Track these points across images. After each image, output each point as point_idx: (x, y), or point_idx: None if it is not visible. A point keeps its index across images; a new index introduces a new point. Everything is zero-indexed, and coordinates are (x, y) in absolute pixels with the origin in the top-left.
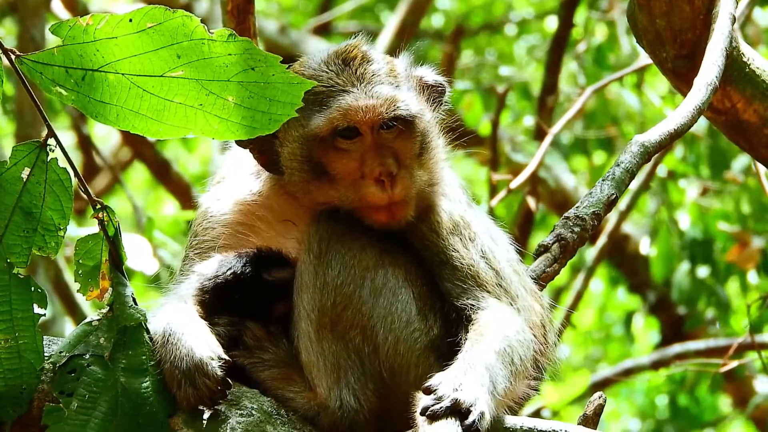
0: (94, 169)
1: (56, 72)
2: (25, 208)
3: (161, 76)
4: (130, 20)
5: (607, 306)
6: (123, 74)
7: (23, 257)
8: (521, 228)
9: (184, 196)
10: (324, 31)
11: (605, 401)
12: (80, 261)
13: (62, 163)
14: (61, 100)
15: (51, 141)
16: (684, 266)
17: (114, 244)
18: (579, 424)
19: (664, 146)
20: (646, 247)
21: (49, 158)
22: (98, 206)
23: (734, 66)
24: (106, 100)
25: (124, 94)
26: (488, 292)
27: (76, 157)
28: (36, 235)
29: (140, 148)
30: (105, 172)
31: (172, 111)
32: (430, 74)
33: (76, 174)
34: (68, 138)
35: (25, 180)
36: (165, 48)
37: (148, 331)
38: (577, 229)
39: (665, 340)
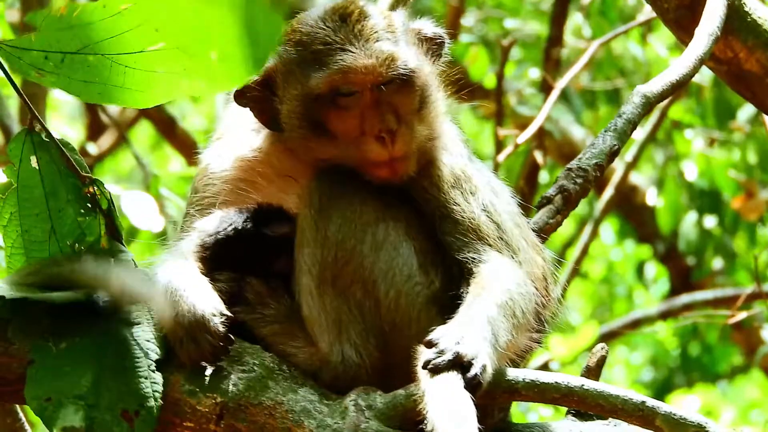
0: (100, 128)
1: (34, 57)
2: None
3: (142, 51)
4: (104, 6)
5: (615, 263)
6: (103, 55)
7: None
8: (528, 181)
9: (190, 152)
10: None
11: (607, 353)
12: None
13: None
14: (41, 83)
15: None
16: (691, 217)
17: (109, 216)
18: (582, 375)
19: (666, 96)
20: (653, 197)
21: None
22: (87, 181)
23: (736, 16)
24: (88, 80)
25: (107, 72)
26: (489, 245)
27: (82, 117)
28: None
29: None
30: (111, 130)
31: (157, 80)
32: (428, 27)
33: (62, 154)
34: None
35: (38, 168)
36: (142, 25)
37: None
38: (579, 180)
39: (674, 291)
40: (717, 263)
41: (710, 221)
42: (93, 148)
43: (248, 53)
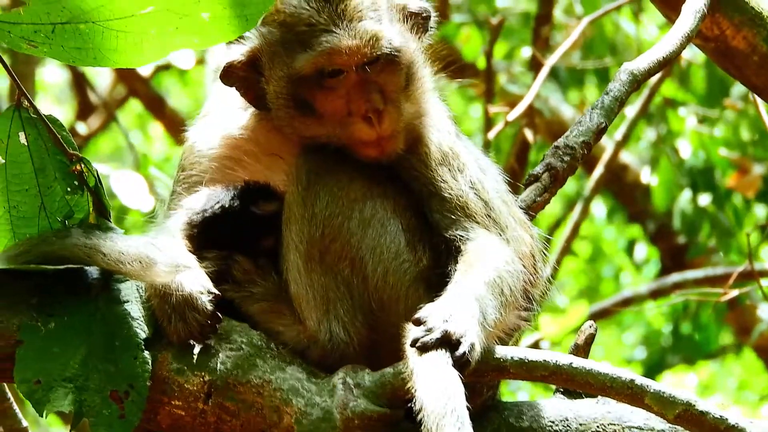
0: (89, 107)
1: (24, 29)
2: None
3: (132, 16)
4: None
5: (605, 243)
6: (93, 22)
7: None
8: (518, 160)
9: (179, 131)
10: None
11: (596, 330)
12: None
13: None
14: (34, 54)
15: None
16: (686, 194)
17: (96, 194)
18: (570, 353)
19: (653, 74)
20: (646, 176)
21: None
22: (74, 158)
23: None
24: (81, 46)
25: (99, 37)
26: (477, 222)
27: (70, 100)
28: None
29: (134, 84)
30: (100, 110)
31: (150, 40)
32: (413, 1)
33: (50, 131)
34: (63, 76)
35: (27, 144)
36: None
37: None
38: (567, 158)
39: (665, 270)
40: (711, 241)
41: (704, 199)
42: (82, 128)
43: (239, 12)
